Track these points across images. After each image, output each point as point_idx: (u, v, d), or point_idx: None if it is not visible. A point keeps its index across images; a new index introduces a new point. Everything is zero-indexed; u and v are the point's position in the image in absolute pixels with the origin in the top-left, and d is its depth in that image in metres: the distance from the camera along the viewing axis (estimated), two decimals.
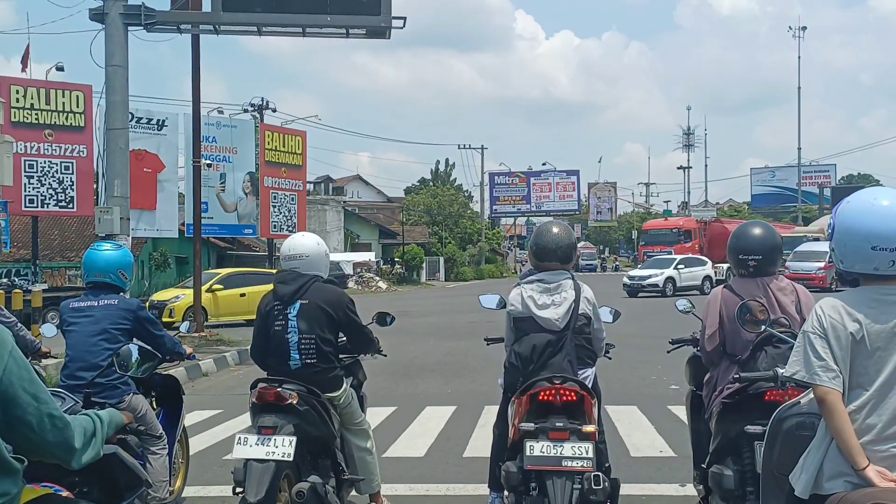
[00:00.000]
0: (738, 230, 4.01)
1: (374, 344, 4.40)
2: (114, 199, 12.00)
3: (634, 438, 6.65)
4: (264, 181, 33.07)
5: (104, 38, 11.99)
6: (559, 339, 3.79)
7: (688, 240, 36.35)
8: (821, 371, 2.32)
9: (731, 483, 3.55)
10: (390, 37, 12.65)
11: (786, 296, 3.75)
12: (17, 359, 1.92)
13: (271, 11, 12.01)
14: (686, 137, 67.53)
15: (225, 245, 39.47)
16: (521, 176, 60.88)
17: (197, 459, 5.90)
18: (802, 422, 2.62)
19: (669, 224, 39.92)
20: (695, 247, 35.89)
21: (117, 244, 4.59)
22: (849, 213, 2.39)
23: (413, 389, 9.62)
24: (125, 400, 4.09)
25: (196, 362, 10.58)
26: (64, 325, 4.25)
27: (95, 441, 2.18)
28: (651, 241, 38.20)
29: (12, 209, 23.15)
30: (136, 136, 24.94)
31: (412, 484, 5.50)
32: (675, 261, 29.33)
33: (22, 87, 24.47)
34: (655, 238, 38.02)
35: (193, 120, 15.56)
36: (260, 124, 35.10)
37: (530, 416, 3.63)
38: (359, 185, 69.11)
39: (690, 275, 28.83)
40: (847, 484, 2.25)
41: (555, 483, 3.43)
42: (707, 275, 29.80)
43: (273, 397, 3.90)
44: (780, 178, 67.00)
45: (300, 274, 4.16)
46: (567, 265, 3.99)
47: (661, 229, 39.15)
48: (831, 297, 2.42)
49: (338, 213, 49.72)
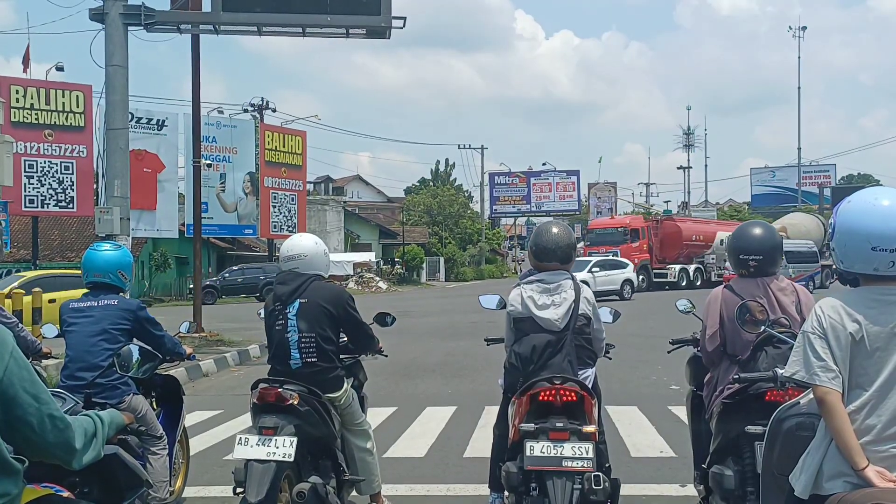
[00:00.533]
0: (739, 230, 4.01)
1: (375, 342, 4.40)
2: (114, 199, 12.00)
3: (634, 438, 6.65)
4: (264, 181, 33.09)
5: (104, 38, 11.99)
6: (559, 340, 3.79)
7: (635, 239, 33.86)
8: (820, 371, 2.32)
9: (731, 483, 3.55)
10: (390, 37, 12.65)
11: (786, 296, 3.75)
12: (17, 359, 1.92)
13: (271, 11, 12.01)
14: (686, 137, 67.50)
15: (225, 245, 39.50)
16: (521, 176, 60.85)
17: (197, 460, 5.90)
18: (802, 422, 2.62)
19: (615, 223, 36.94)
20: (643, 247, 33.92)
21: (117, 244, 4.59)
22: (849, 213, 2.39)
23: (413, 390, 9.62)
24: (125, 400, 4.09)
25: (196, 363, 10.59)
26: (64, 326, 4.25)
27: (96, 441, 2.18)
28: (596, 241, 35.12)
29: (12, 209, 23.15)
30: (136, 136, 24.97)
31: (413, 484, 5.50)
32: (588, 263, 27.14)
33: (22, 87, 24.49)
34: (601, 238, 35.04)
35: (193, 120, 15.56)
36: (260, 124, 35.10)
37: (530, 417, 3.63)
38: (359, 185, 69.12)
39: (607, 279, 26.91)
40: (847, 484, 2.25)
41: (555, 483, 3.43)
42: (627, 278, 28.06)
43: (274, 398, 3.91)
44: (781, 178, 67.00)
45: (299, 274, 4.16)
46: (567, 265, 3.99)
47: (606, 228, 36.18)
48: (831, 298, 2.42)
49: (338, 213, 49.73)
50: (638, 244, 34.09)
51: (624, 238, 33.96)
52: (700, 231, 36.04)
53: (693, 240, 34.62)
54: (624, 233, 34.37)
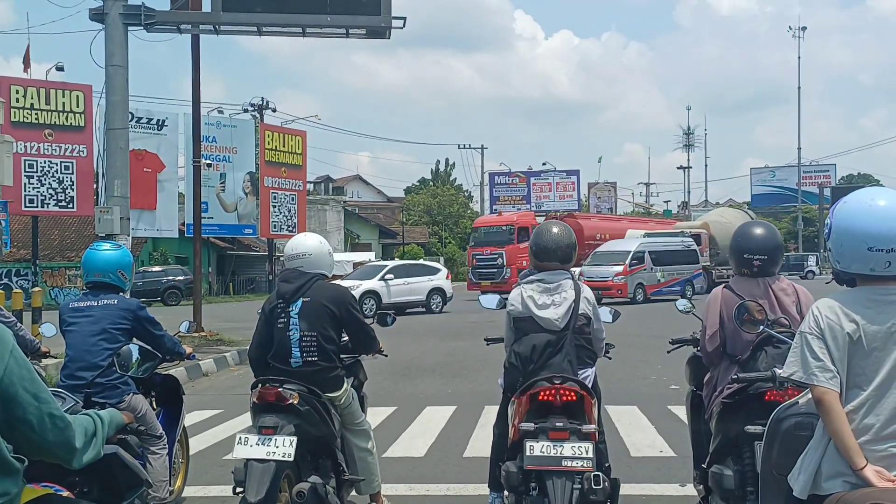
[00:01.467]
0: (742, 230, 3.99)
1: (376, 342, 4.40)
2: (114, 199, 12.01)
3: (634, 438, 6.66)
4: (264, 181, 33.09)
5: (104, 37, 11.99)
6: (559, 339, 3.79)
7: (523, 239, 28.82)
8: (818, 371, 2.33)
9: (731, 483, 3.55)
10: (390, 37, 12.66)
11: (787, 296, 3.76)
12: (17, 358, 1.92)
13: (271, 11, 12.02)
14: (686, 137, 67.52)
15: (225, 245, 39.48)
16: (521, 176, 60.80)
17: (197, 459, 5.90)
18: (801, 422, 2.62)
19: (502, 220, 32.12)
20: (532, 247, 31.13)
21: (117, 244, 4.59)
22: (846, 213, 2.39)
23: (413, 389, 9.62)
24: (125, 400, 4.09)
25: (196, 362, 10.58)
26: (64, 325, 4.25)
27: (96, 441, 2.18)
28: (481, 241, 30.79)
29: (12, 209, 23.16)
30: (136, 135, 24.97)
31: (412, 484, 5.50)
32: (383, 269, 22.60)
33: (22, 87, 24.49)
34: (486, 238, 30.71)
35: (193, 120, 15.57)
36: (260, 124, 35.11)
37: (530, 416, 3.64)
38: (359, 184, 69.09)
39: (406, 288, 22.18)
40: (845, 484, 2.26)
41: (555, 483, 3.43)
42: (437, 287, 22.95)
43: (274, 397, 3.90)
44: (781, 178, 66.99)
45: (303, 272, 4.17)
46: (567, 265, 3.99)
47: (492, 227, 31.61)
48: (828, 298, 2.42)
49: (338, 213, 49.74)
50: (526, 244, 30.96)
51: (510, 238, 29.82)
52: (606, 229, 32.71)
53: (598, 239, 30.68)
54: (510, 231, 30.14)
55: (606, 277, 24.47)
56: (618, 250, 26.45)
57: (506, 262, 29.11)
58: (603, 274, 24.57)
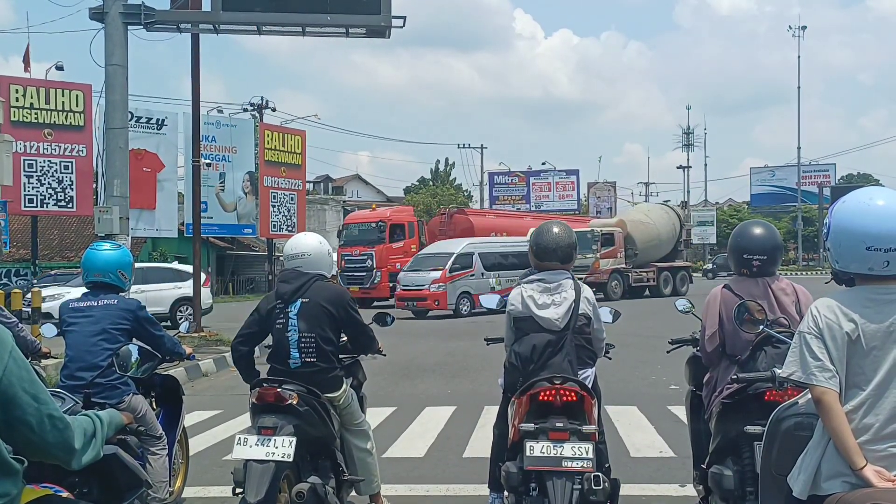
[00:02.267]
0: (741, 230, 3.99)
1: (375, 343, 4.40)
2: (113, 198, 12.00)
3: (634, 438, 6.66)
4: (264, 181, 33.04)
5: (104, 37, 11.98)
6: (559, 339, 3.79)
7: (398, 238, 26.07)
8: (817, 371, 2.33)
9: (730, 483, 3.55)
10: (390, 36, 12.64)
11: (786, 296, 3.76)
12: (17, 359, 1.92)
13: (271, 11, 12.01)
14: (686, 137, 67.49)
15: (224, 245, 39.47)
16: (520, 175, 60.85)
17: (197, 460, 5.90)
18: (800, 422, 2.62)
19: (373, 216, 27.77)
20: (409, 247, 25.97)
21: (117, 244, 4.58)
22: (844, 212, 2.39)
23: (413, 389, 9.62)
24: (125, 400, 4.09)
25: (196, 362, 10.59)
26: (63, 326, 4.25)
27: (95, 442, 2.18)
28: (351, 240, 26.82)
29: (12, 209, 23.15)
30: (136, 135, 24.95)
31: (412, 484, 5.50)
32: None
33: (21, 87, 24.46)
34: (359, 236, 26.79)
35: (193, 119, 15.57)
36: (259, 124, 35.08)
37: (530, 417, 3.64)
38: (358, 184, 69.06)
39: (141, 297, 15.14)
40: (845, 484, 2.26)
41: (555, 483, 3.43)
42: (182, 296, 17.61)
43: (273, 398, 3.91)
44: (780, 178, 66.95)
45: (302, 273, 4.17)
46: (567, 265, 3.99)
47: (362, 223, 27.50)
48: (827, 298, 2.42)
49: (337, 212, 49.75)
50: (402, 244, 26.27)
51: (380, 237, 25.97)
52: (503, 227, 28.66)
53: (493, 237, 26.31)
54: (380, 229, 26.18)
55: (422, 286, 20.27)
56: (440, 252, 21.99)
57: (375, 264, 25.48)
58: (418, 281, 20.41)
